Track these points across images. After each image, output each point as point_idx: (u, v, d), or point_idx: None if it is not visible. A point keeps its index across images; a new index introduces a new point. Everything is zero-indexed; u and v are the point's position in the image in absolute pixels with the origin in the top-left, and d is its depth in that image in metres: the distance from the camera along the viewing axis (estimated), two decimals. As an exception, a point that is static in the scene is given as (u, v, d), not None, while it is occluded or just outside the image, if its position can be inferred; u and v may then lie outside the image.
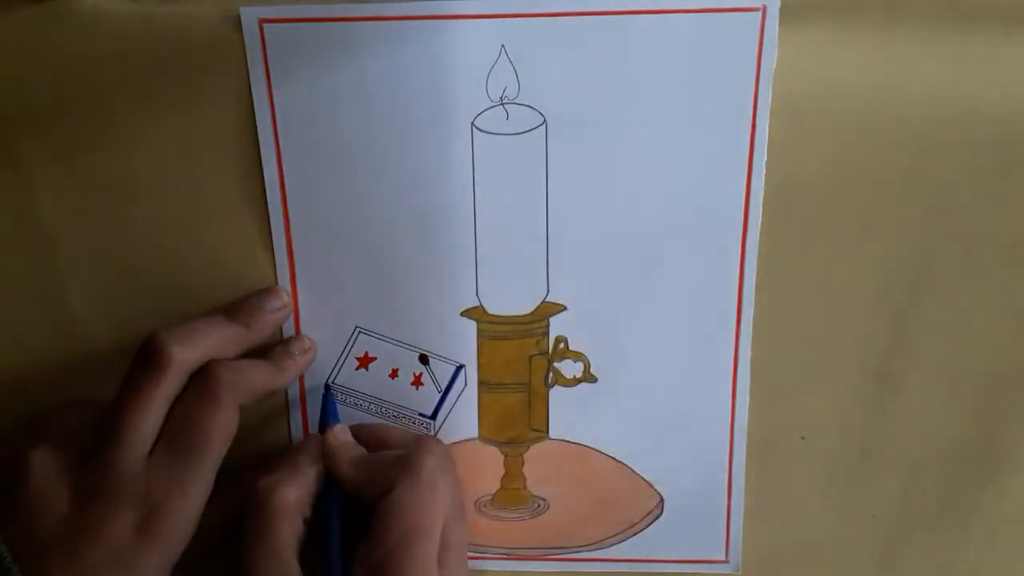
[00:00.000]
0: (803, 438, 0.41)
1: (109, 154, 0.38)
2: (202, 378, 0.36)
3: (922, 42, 0.36)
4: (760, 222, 0.38)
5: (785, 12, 0.36)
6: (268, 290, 0.39)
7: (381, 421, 0.42)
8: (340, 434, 0.39)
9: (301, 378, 0.41)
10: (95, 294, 0.40)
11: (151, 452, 0.35)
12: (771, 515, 0.42)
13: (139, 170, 0.38)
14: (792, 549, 0.43)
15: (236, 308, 0.38)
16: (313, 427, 0.41)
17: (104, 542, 0.34)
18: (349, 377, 0.41)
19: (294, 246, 0.39)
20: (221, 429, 0.36)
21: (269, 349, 0.39)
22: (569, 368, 0.41)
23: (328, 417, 0.40)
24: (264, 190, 0.38)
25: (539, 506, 0.42)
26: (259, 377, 0.37)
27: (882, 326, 0.40)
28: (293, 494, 0.36)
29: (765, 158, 0.37)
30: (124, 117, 0.37)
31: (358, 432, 0.40)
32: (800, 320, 0.40)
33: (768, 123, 0.37)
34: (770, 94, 0.36)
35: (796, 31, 0.36)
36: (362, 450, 0.39)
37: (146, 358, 0.35)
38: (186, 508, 0.35)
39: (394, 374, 0.41)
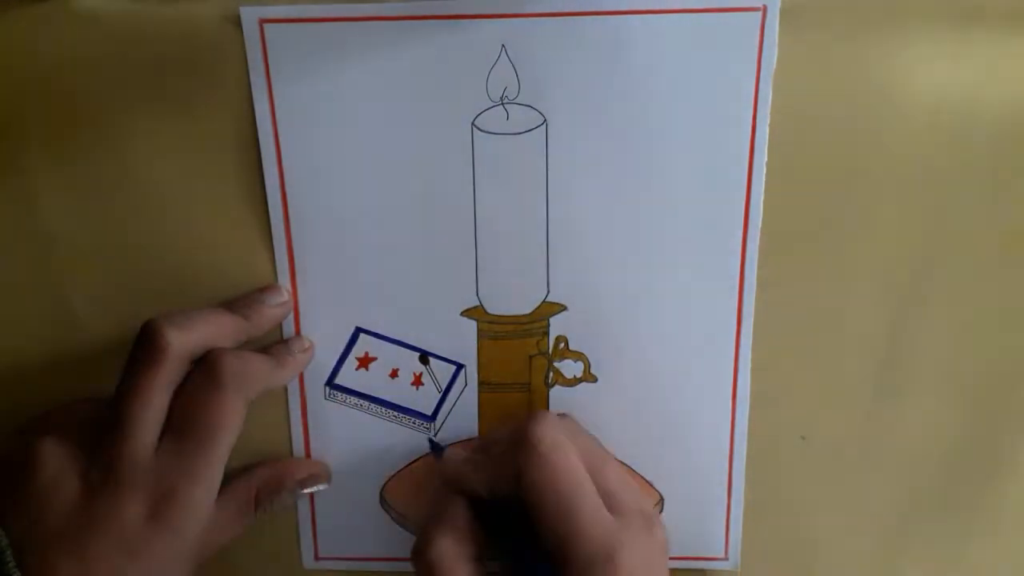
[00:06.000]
0: (803, 438, 0.41)
1: (109, 154, 0.38)
2: (205, 365, 0.36)
3: (923, 42, 0.36)
4: (760, 222, 0.38)
5: (785, 12, 0.36)
6: (269, 286, 0.39)
7: (380, 419, 0.41)
8: (452, 455, 0.38)
9: (301, 379, 0.41)
10: (95, 294, 0.40)
11: (160, 441, 0.35)
12: (771, 515, 0.42)
13: (139, 170, 0.38)
14: (792, 549, 0.43)
15: (236, 301, 0.39)
16: (312, 426, 0.41)
17: (114, 531, 0.34)
18: (349, 377, 0.41)
19: (294, 246, 0.39)
20: (228, 416, 0.35)
21: (268, 347, 0.39)
22: (569, 368, 0.41)
23: (433, 446, 0.39)
24: (264, 190, 0.38)
25: (539, 506, 0.42)
26: (260, 368, 0.37)
27: (882, 326, 0.40)
28: (447, 541, 0.35)
29: (765, 158, 0.37)
30: (124, 117, 0.37)
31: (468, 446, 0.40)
32: (800, 320, 0.40)
33: (768, 123, 0.37)
34: (770, 94, 0.36)
35: (796, 31, 0.36)
36: (477, 457, 0.38)
37: (144, 344, 0.35)
38: (196, 497, 0.35)
39: (394, 374, 0.41)
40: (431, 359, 0.40)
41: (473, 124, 0.37)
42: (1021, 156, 0.37)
